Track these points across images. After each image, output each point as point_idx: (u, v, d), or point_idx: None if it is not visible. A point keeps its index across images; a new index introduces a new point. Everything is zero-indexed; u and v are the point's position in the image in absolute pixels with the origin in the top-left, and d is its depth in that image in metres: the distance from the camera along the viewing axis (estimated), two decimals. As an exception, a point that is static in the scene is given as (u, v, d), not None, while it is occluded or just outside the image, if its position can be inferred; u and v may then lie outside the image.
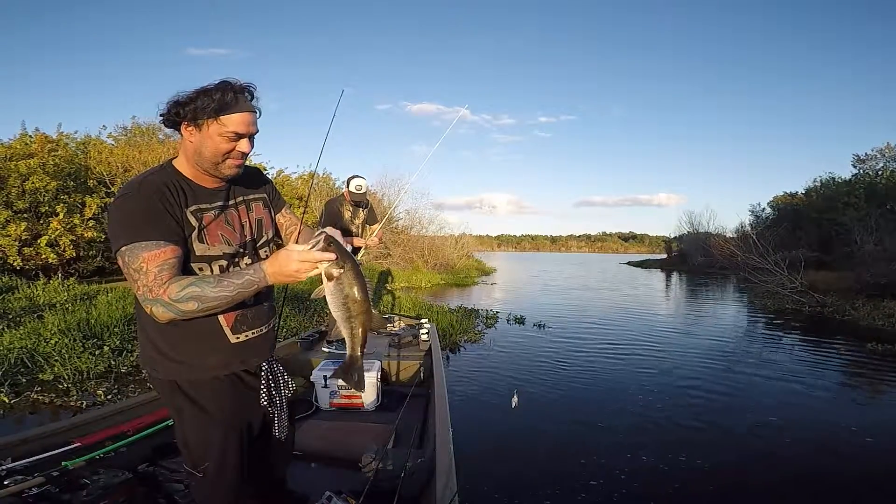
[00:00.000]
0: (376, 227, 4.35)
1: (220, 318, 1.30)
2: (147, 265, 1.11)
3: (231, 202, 1.36)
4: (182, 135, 1.24)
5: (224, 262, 1.29)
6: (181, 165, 1.28)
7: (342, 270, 1.18)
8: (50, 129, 12.15)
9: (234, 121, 1.20)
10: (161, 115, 1.23)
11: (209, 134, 1.21)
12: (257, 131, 1.28)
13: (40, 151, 10.47)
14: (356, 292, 1.21)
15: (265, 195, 1.47)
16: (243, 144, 1.25)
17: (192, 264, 1.24)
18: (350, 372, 1.31)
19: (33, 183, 9.56)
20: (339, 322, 1.25)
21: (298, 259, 1.13)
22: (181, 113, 1.20)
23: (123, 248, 1.13)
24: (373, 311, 1.29)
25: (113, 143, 13.51)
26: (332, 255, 1.15)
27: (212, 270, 1.27)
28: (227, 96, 1.18)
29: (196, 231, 1.24)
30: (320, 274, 1.19)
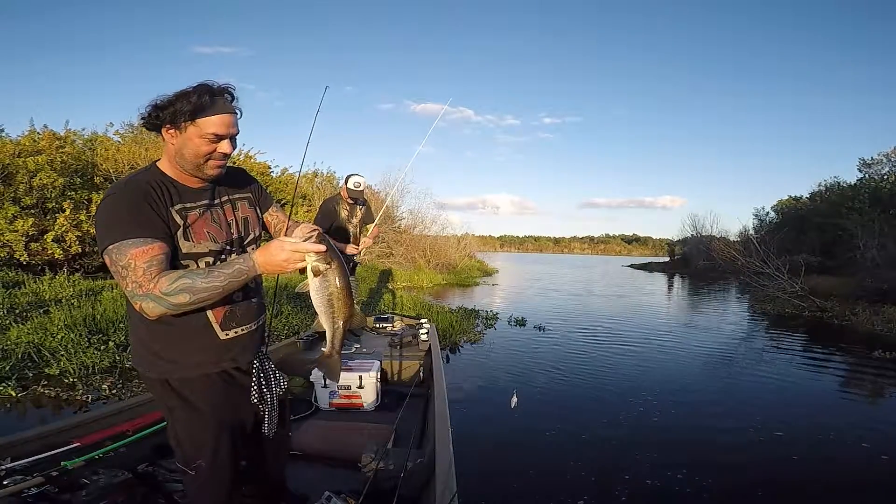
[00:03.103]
0: (371, 225, 4.35)
1: (210, 314, 1.32)
2: (135, 261, 1.12)
3: (217, 201, 1.38)
4: (164, 137, 1.26)
5: (210, 259, 1.32)
6: (165, 167, 1.30)
7: (329, 267, 1.23)
8: (58, 126, 12.25)
9: (212, 123, 1.22)
10: (142, 119, 1.24)
11: (189, 136, 1.22)
12: (238, 132, 1.29)
13: (48, 148, 10.56)
14: (340, 290, 1.27)
15: (250, 194, 1.50)
16: (224, 146, 1.26)
17: (180, 262, 1.26)
18: (327, 365, 1.39)
19: (41, 179, 9.67)
20: (321, 317, 1.30)
21: (289, 249, 1.17)
22: (161, 116, 1.22)
23: (111, 247, 1.14)
24: (356, 309, 1.34)
25: (119, 140, 13.60)
26: (322, 247, 1.19)
27: (198, 267, 1.29)
28: (205, 98, 1.20)
29: (181, 229, 1.26)
30: (307, 268, 1.23)
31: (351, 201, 4.25)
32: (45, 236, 9.75)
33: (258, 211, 1.53)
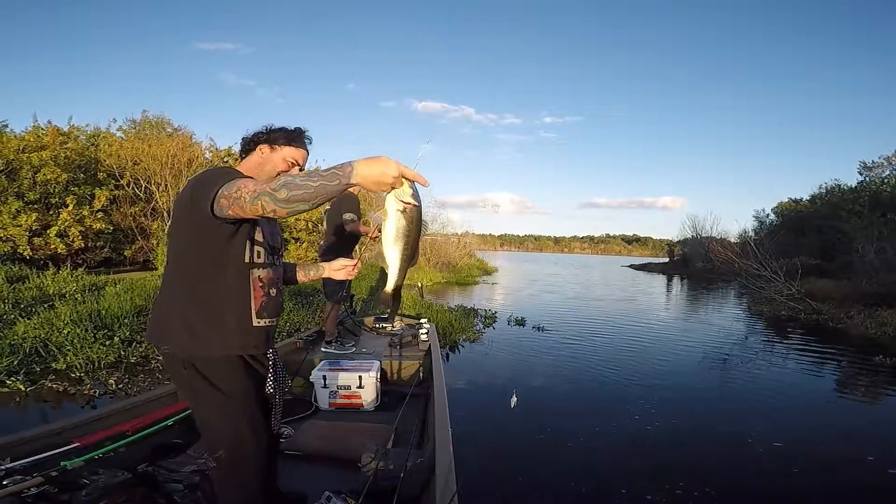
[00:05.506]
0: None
1: (252, 300, 1.44)
2: (245, 183, 1.23)
3: None
4: (253, 152, 1.56)
5: (262, 250, 1.48)
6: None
7: (416, 204, 1.27)
8: (61, 122, 12.33)
9: (300, 153, 1.58)
10: (248, 136, 1.57)
11: (279, 156, 1.54)
12: (304, 167, 1.60)
13: (52, 144, 10.64)
14: (419, 226, 1.31)
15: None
16: (294, 171, 1.56)
17: (248, 241, 1.41)
18: (391, 301, 1.46)
19: (45, 174, 9.74)
20: (391, 251, 1.31)
21: (396, 167, 1.18)
22: (268, 136, 1.55)
23: (221, 189, 1.23)
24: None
25: (122, 136, 13.65)
26: (426, 181, 1.24)
27: (254, 249, 1.44)
28: (300, 137, 1.58)
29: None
30: (396, 195, 1.23)
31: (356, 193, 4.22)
32: (49, 231, 9.82)
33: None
